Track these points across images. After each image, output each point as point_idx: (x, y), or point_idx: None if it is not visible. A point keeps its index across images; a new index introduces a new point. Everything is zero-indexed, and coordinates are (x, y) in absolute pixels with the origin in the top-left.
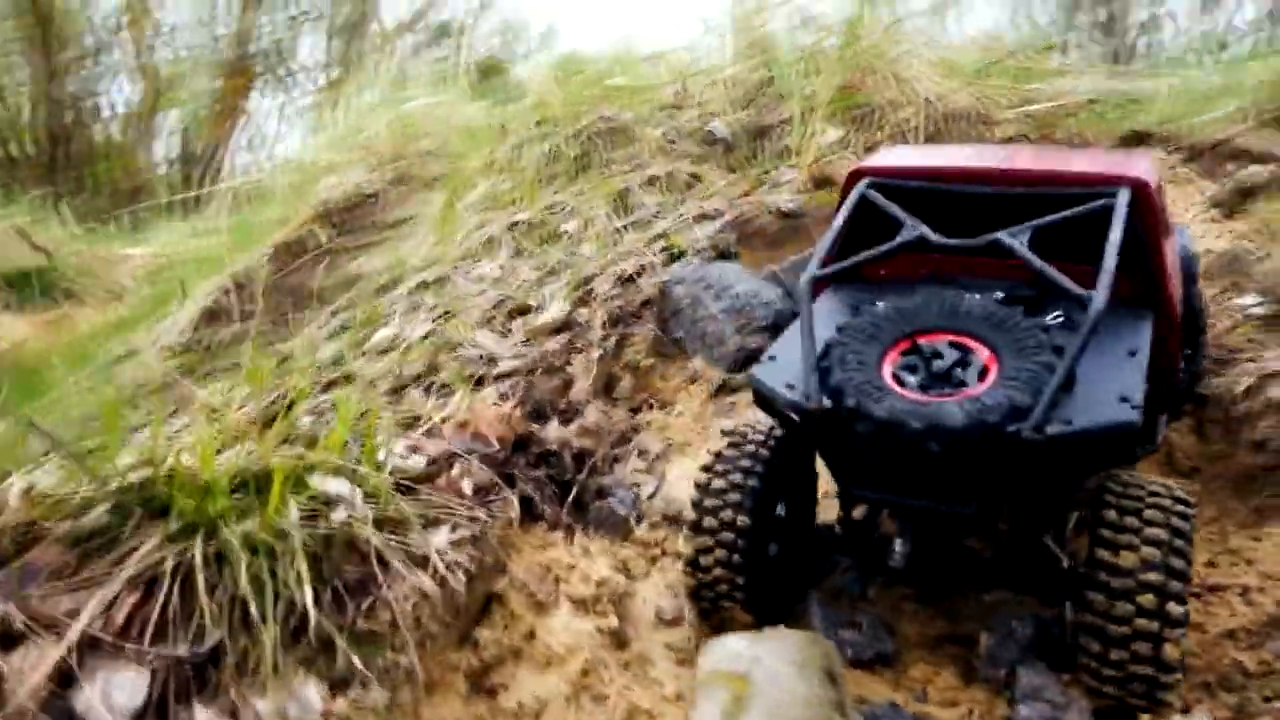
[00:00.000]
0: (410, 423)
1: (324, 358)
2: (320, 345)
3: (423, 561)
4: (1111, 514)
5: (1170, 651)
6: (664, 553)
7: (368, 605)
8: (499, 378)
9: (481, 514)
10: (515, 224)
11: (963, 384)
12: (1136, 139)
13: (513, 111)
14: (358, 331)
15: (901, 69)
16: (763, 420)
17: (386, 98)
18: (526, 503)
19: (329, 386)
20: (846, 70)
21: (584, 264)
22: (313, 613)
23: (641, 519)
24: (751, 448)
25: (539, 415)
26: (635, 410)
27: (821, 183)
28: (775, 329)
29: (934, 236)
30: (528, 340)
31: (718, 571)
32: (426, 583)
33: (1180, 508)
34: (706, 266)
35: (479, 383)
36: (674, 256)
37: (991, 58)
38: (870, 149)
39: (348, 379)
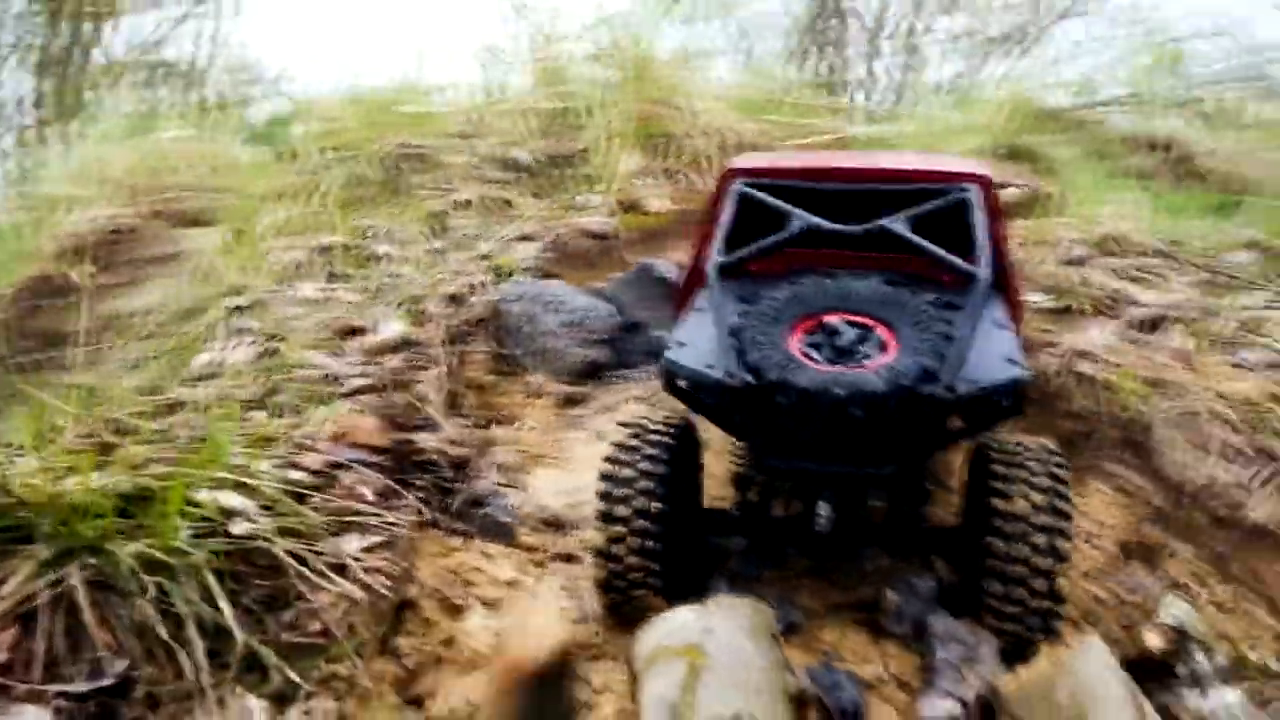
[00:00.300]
0: (265, 441)
1: (135, 386)
2: (123, 377)
3: (339, 569)
4: (999, 468)
5: (1062, 584)
6: (552, 557)
7: (292, 617)
8: (348, 395)
9: (391, 518)
10: (325, 248)
11: (866, 357)
12: None
13: (300, 139)
14: (172, 359)
15: (692, 103)
16: (656, 414)
17: (127, 131)
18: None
19: (155, 415)
20: (640, 102)
21: (409, 285)
22: (236, 629)
23: (521, 525)
24: (654, 437)
25: (400, 429)
26: (483, 426)
27: (628, 207)
28: (614, 342)
29: (825, 224)
30: (367, 360)
31: (631, 560)
32: (353, 589)
33: (1055, 458)
34: (539, 284)
35: (323, 402)
36: (501, 276)
37: (769, 96)
38: (669, 174)
39: (173, 407)
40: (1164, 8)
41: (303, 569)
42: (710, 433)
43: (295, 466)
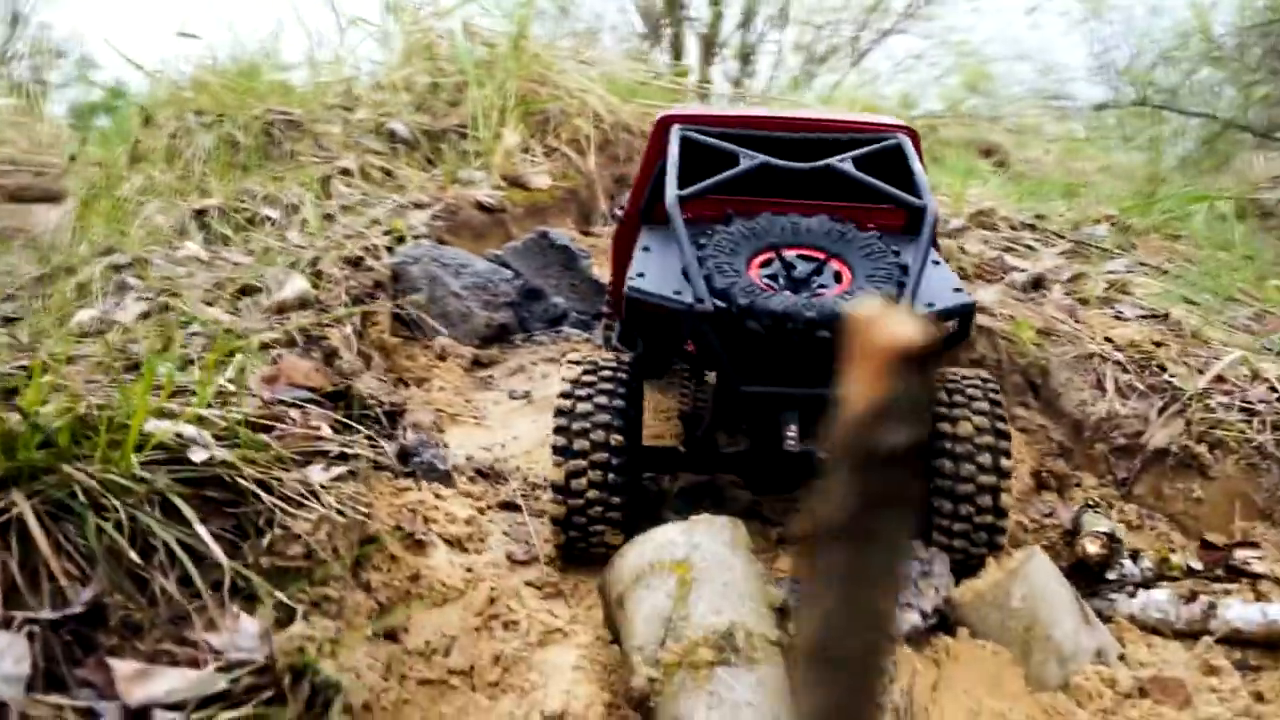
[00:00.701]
0: (179, 391)
1: (7, 343)
2: None
3: (308, 496)
4: (942, 395)
5: (1005, 499)
6: (489, 505)
7: (269, 542)
8: (256, 350)
9: (353, 450)
10: (202, 211)
11: (824, 287)
12: None
13: (157, 103)
14: (45, 318)
15: (569, 82)
16: (604, 353)
17: None
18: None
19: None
20: (518, 80)
21: (300, 249)
22: (219, 553)
23: (458, 474)
24: (608, 373)
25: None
26: (394, 387)
27: (512, 183)
28: (517, 305)
29: (777, 162)
30: (270, 317)
31: (591, 494)
32: (331, 513)
33: (990, 384)
34: (438, 247)
35: (231, 354)
36: (395, 241)
37: (641, 77)
38: (550, 152)
39: (60, 360)
40: (976, 30)
41: (272, 497)
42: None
43: (232, 406)
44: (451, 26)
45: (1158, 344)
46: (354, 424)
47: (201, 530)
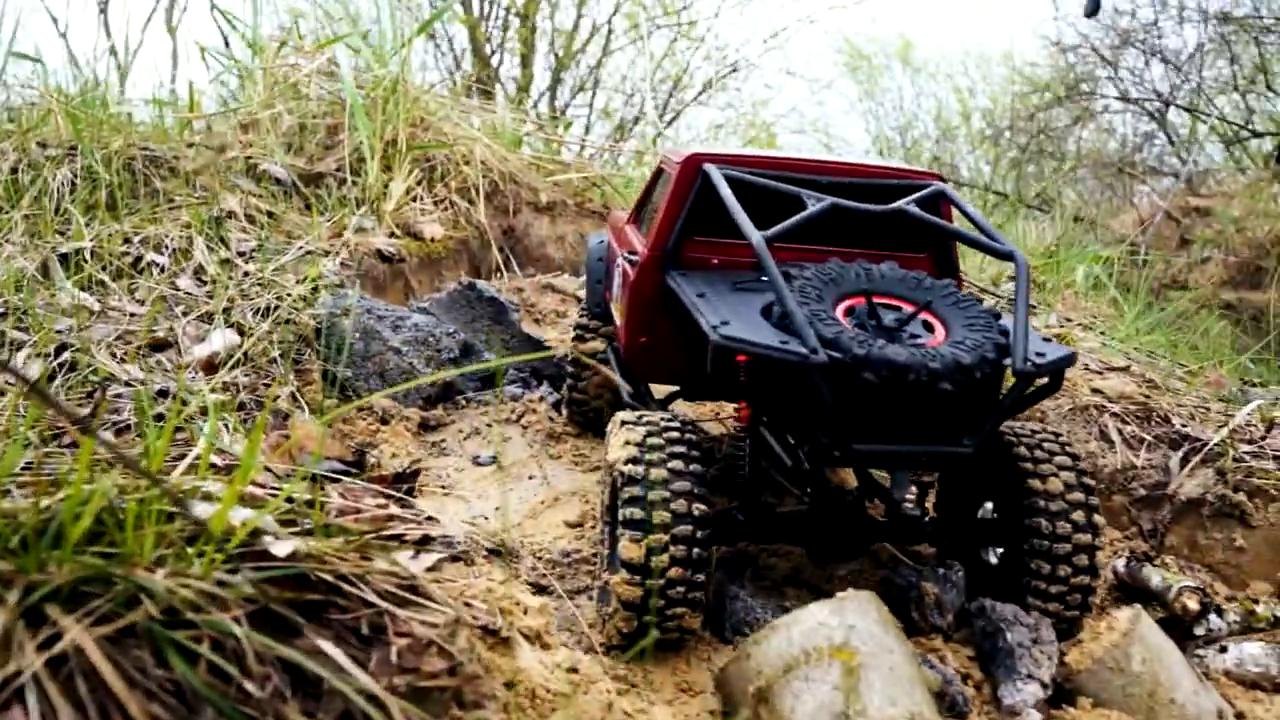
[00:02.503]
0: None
1: None
2: None
3: (410, 592)
4: (1023, 450)
5: (1101, 558)
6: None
7: (398, 653)
8: (202, 413)
9: (435, 530)
10: (69, 255)
11: (917, 337)
12: None
13: None
14: None
15: (451, 130)
16: (660, 412)
17: None
18: None
19: None
20: (400, 124)
21: (198, 298)
22: (358, 674)
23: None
24: (675, 434)
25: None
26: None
27: (405, 232)
28: (457, 361)
29: (848, 204)
30: (195, 375)
31: (674, 572)
32: (462, 613)
33: (1063, 437)
34: (368, 299)
35: (159, 419)
36: (312, 290)
37: (523, 128)
38: (439, 202)
39: None
40: (772, 105)
41: (374, 595)
42: None
43: (254, 484)
44: (318, 65)
45: (1147, 392)
46: (400, 498)
47: (330, 648)
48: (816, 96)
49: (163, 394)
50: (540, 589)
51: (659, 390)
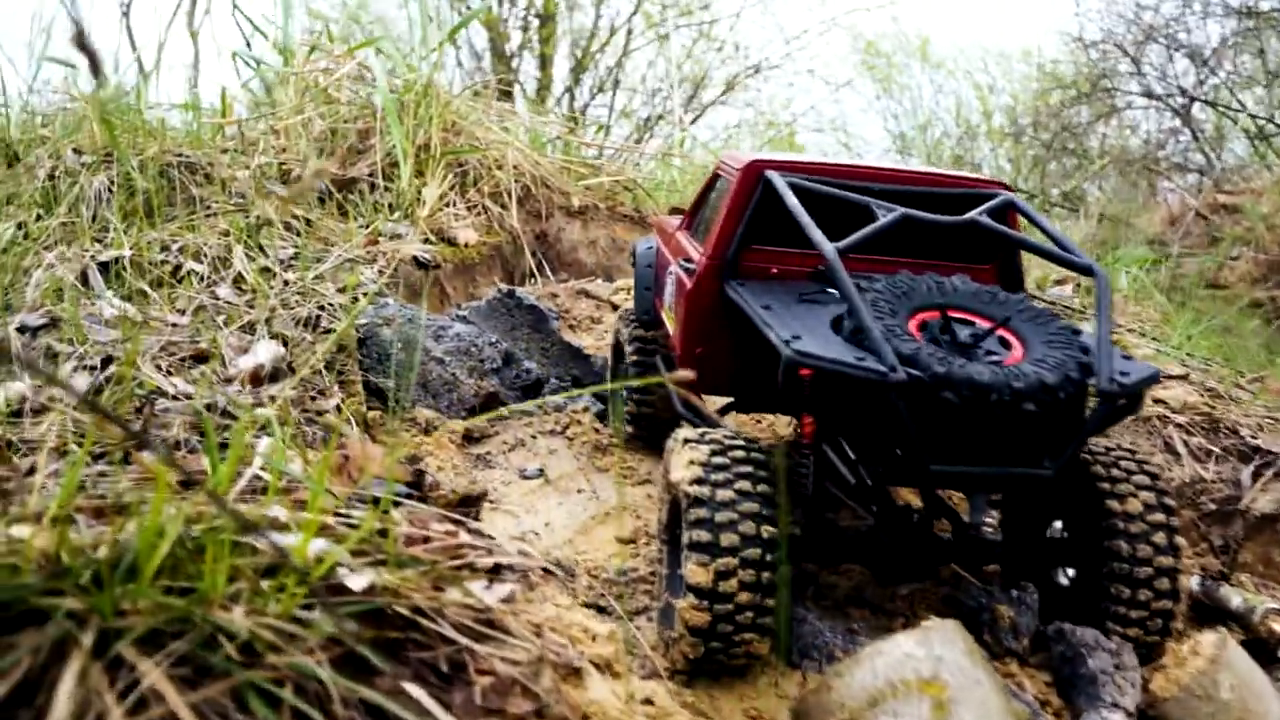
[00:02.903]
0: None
1: None
2: None
3: (487, 625)
4: (1100, 470)
5: (1183, 581)
6: (570, 608)
7: (481, 693)
8: (262, 429)
9: (508, 559)
10: (109, 263)
11: (993, 354)
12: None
13: (23, 139)
14: None
15: (484, 133)
16: (723, 430)
17: None
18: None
19: None
20: (433, 129)
21: (240, 307)
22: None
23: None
24: (741, 453)
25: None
26: None
27: (439, 237)
28: (499, 371)
29: (920, 215)
30: (242, 389)
31: (743, 597)
32: (544, 648)
33: (1140, 455)
34: (409, 307)
35: (217, 439)
36: (352, 300)
37: (554, 131)
38: (472, 207)
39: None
40: (793, 104)
41: (451, 629)
42: None
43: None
44: (349, 70)
45: (1211, 402)
46: (464, 522)
47: (414, 689)
48: (834, 95)
49: (209, 408)
50: (600, 609)
51: (711, 401)
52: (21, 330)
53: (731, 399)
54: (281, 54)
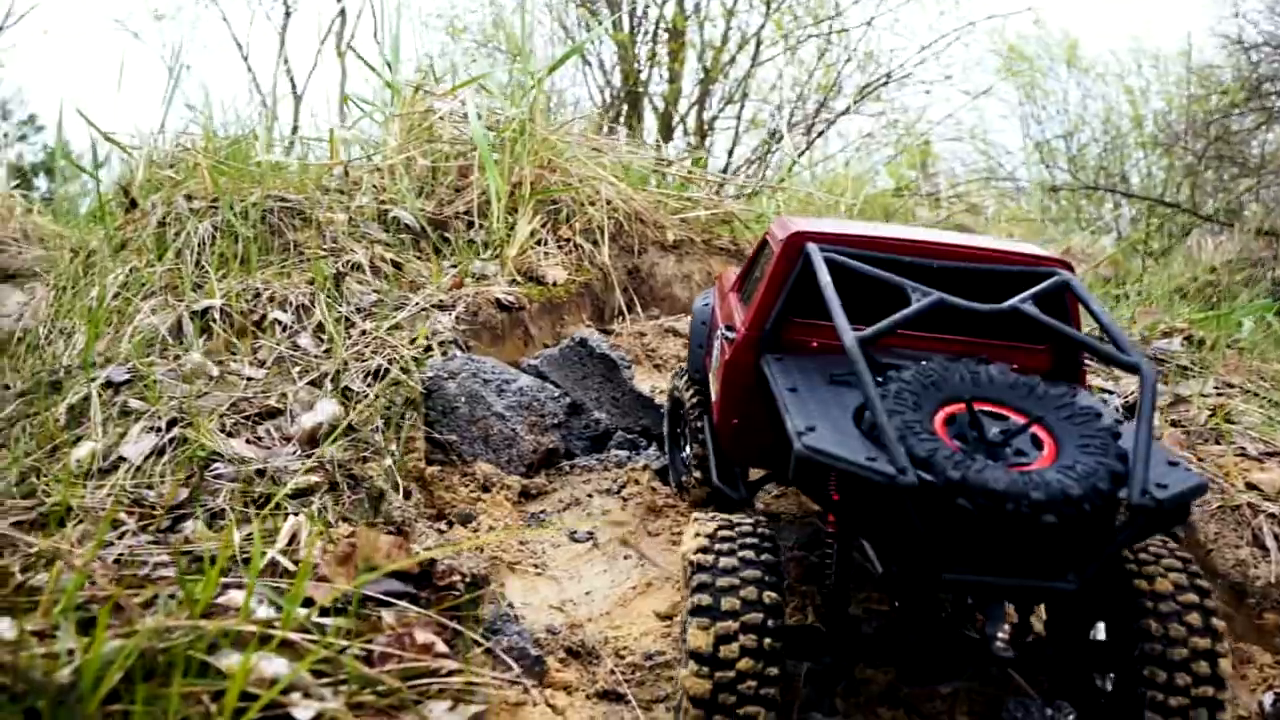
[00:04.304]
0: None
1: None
2: None
3: None
4: (1128, 555)
5: (1224, 665)
6: (588, 696)
7: None
8: (295, 496)
9: (477, 675)
10: (202, 312)
11: (1022, 454)
12: None
13: (141, 184)
14: (32, 452)
15: (578, 169)
16: (733, 513)
17: None
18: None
19: (32, 527)
20: (527, 166)
21: (315, 359)
22: None
23: (546, 652)
24: (748, 528)
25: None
26: (439, 530)
27: (527, 276)
28: (563, 426)
29: (956, 301)
30: (300, 449)
31: (744, 663)
32: None
33: (1171, 543)
34: (476, 360)
35: (265, 504)
36: (424, 350)
37: (650, 167)
38: (562, 244)
39: (59, 515)
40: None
41: None
42: None
43: (309, 603)
44: (452, 107)
45: None
46: (453, 622)
47: None
48: (974, 102)
49: (260, 474)
50: (618, 697)
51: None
52: (107, 385)
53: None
54: (390, 90)
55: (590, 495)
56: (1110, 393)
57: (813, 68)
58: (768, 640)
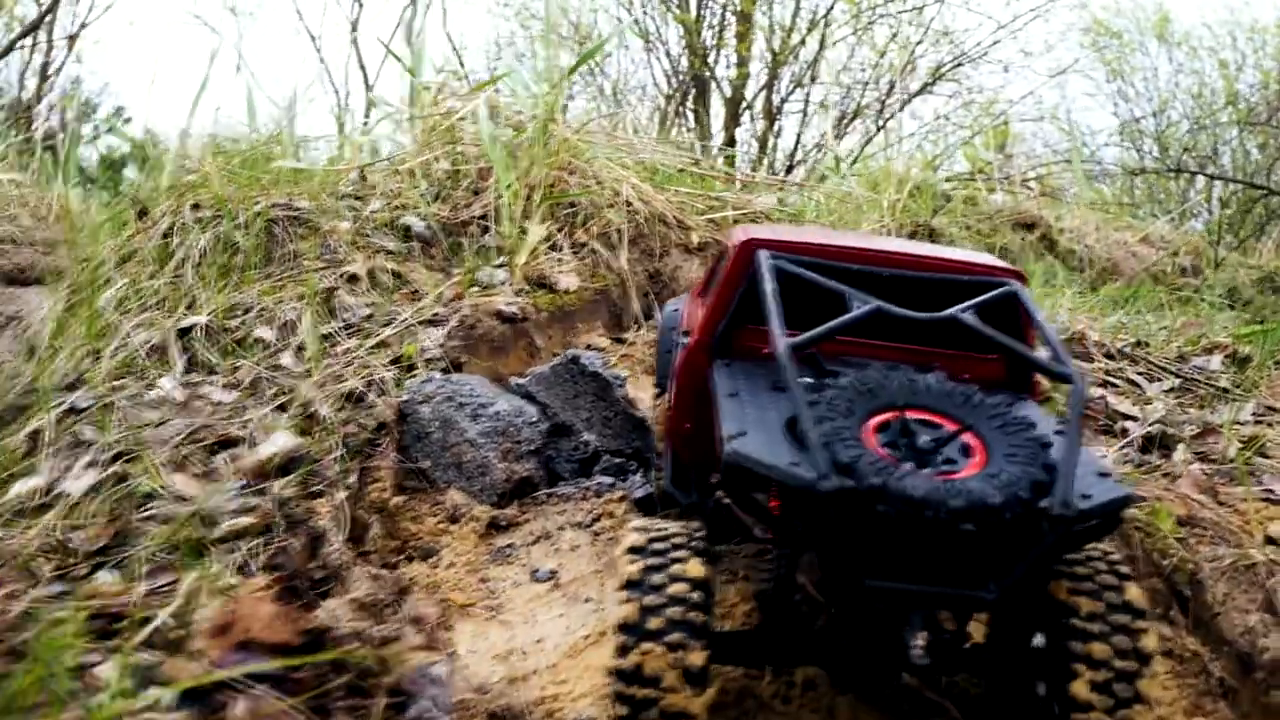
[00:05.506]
0: (106, 629)
1: None
2: None
3: None
4: (1060, 568)
5: (1147, 688)
6: None
7: None
8: (223, 541)
9: None
10: (187, 330)
11: (951, 462)
12: None
13: (151, 192)
14: None
15: (600, 169)
16: (671, 521)
17: None
18: None
19: None
20: (547, 168)
21: (293, 380)
22: None
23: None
24: (681, 539)
25: (294, 592)
26: (390, 565)
27: (537, 284)
28: (541, 453)
29: (893, 309)
30: (248, 484)
31: (668, 680)
32: None
33: (1110, 554)
34: (453, 381)
35: (199, 551)
36: (403, 369)
37: (678, 164)
38: (577, 248)
39: None
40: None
41: None
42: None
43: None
44: (475, 108)
45: None
46: (328, 691)
47: None
48: (1057, 80)
49: (197, 516)
50: None
51: None
52: (71, 412)
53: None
54: (413, 90)
55: (562, 528)
56: (1134, 419)
57: (884, 48)
58: (692, 659)
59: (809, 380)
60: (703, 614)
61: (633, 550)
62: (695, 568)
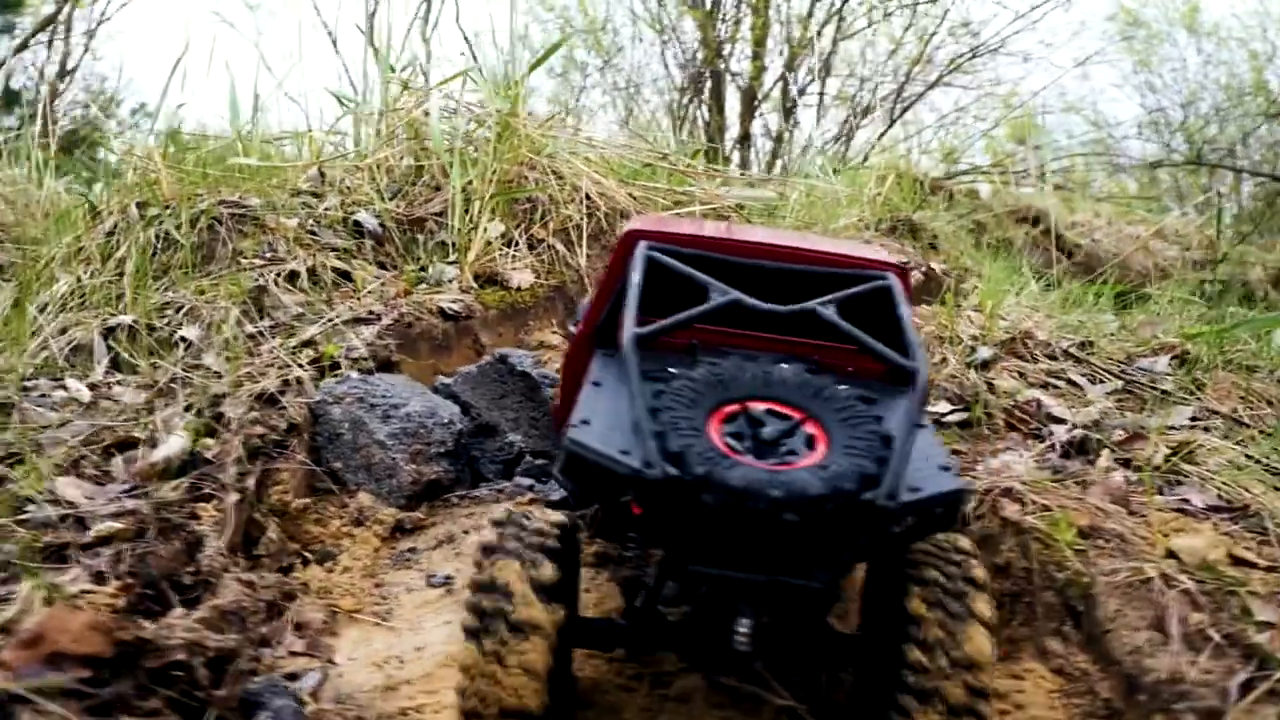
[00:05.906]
0: None
1: None
2: None
3: None
4: (908, 568)
5: (983, 708)
6: None
7: None
8: (90, 547)
9: None
10: (114, 329)
11: (793, 453)
12: None
13: (107, 191)
14: None
15: (560, 165)
16: (535, 511)
17: None
18: None
19: None
20: (505, 163)
21: (209, 381)
22: None
23: None
24: (534, 537)
25: (155, 599)
26: (287, 569)
27: (488, 281)
28: (455, 454)
29: (751, 302)
30: (134, 488)
31: (515, 680)
32: None
33: (966, 556)
34: (368, 381)
35: (61, 558)
36: (325, 369)
37: (645, 159)
38: (534, 244)
39: None
40: (1024, 82)
41: None
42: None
43: None
44: (438, 103)
45: (1238, 560)
46: (142, 707)
47: None
48: (1082, 70)
49: (66, 519)
50: None
51: None
52: None
53: None
54: (383, 85)
55: (468, 532)
56: (1063, 421)
57: (900, 39)
58: (535, 658)
59: (673, 371)
60: (548, 614)
61: (484, 548)
62: (553, 524)
